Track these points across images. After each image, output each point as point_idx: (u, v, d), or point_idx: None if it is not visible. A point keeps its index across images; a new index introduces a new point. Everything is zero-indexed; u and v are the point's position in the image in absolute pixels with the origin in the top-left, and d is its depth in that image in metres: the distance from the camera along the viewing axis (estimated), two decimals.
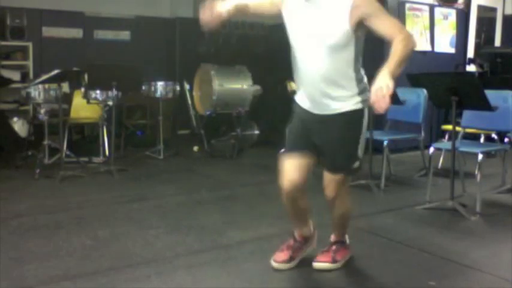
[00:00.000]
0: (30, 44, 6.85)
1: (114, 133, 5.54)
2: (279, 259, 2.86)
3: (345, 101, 2.53)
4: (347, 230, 2.98)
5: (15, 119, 6.56)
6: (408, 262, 3.04)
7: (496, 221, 3.90)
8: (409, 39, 2.35)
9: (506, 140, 4.65)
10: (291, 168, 2.67)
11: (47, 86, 5.30)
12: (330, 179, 2.68)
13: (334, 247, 2.92)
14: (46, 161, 5.43)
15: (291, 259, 2.86)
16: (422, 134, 5.04)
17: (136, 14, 7.87)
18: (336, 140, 2.61)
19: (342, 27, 2.40)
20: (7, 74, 6.70)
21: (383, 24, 2.38)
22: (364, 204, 4.30)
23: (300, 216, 2.90)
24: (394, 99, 4.66)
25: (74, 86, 6.03)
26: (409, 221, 3.85)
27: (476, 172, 4.48)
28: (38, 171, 5.08)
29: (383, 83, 2.16)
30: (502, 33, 7.67)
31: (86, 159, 5.69)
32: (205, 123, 6.82)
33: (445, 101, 3.97)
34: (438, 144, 4.90)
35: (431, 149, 4.48)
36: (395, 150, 5.87)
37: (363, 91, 2.55)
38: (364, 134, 2.65)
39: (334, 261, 2.86)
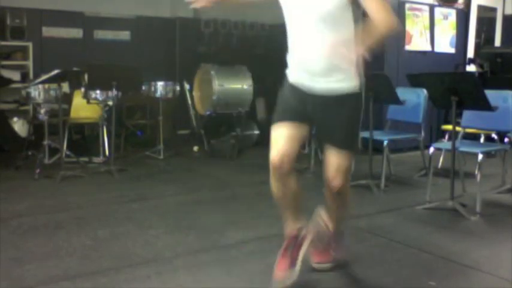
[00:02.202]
0: (30, 44, 6.84)
1: (114, 133, 5.54)
2: (280, 268, 2.61)
3: (346, 82, 2.42)
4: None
5: (15, 119, 6.56)
6: (408, 262, 3.04)
7: (496, 221, 3.90)
8: (387, 22, 2.30)
9: (506, 140, 4.65)
10: (282, 138, 2.49)
11: (47, 86, 5.29)
12: (336, 164, 2.50)
13: (333, 243, 2.81)
14: (46, 161, 5.42)
15: (293, 263, 2.61)
16: (422, 134, 5.04)
17: (136, 14, 7.86)
18: (339, 119, 2.48)
19: None
20: (7, 74, 6.69)
21: (370, 2, 2.31)
22: (364, 204, 4.30)
23: (293, 201, 2.63)
24: (394, 99, 4.70)
25: (74, 86, 6.02)
26: (409, 221, 3.85)
27: (476, 172, 4.49)
28: (38, 171, 5.08)
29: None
30: (502, 33, 7.67)
31: (86, 159, 5.69)
32: (205, 123, 6.81)
33: (445, 101, 3.97)
34: (438, 144, 4.90)
35: (431, 149, 4.48)
36: (395, 150, 5.87)
37: (361, 74, 2.47)
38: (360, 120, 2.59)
39: (334, 260, 2.80)
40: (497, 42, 7.68)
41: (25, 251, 3.14)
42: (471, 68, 7.06)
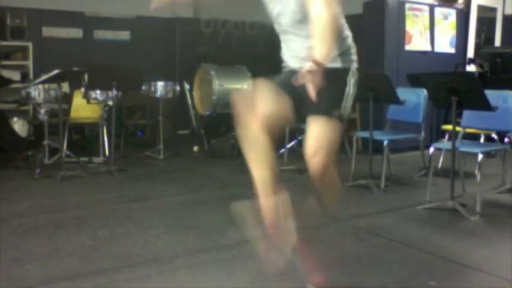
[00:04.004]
0: (30, 44, 6.85)
1: (114, 133, 5.54)
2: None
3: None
4: None
5: (15, 119, 6.56)
6: (408, 262, 3.04)
7: (496, 221, 3.90)
8: (322, 16, 2.17)
9: (506, 140, 4.65)
10: (271, 97, 2.35)
11: (47, 86, 5.30)
12: (315, 135, 2.31)
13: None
14: (46, 161, 5.42)
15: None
16: (422, 134, 5.04)
17: (136, 14, 7.87)
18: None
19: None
20: (7, 74, 6.70)
21: None
22: (364, 204, 4.30)
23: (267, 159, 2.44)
24: (394, 99, 4.70)
25: (74, 86, 6.03)
26: (409, 221, 3.85)
27: (476, 172, 4.48)
28: (38, 171, 5.08)
29: (306, 68, 2.07)
30: (502, 33, 7.67)
31: (86, 159, 5.69)
32: (205, 123, 6.82)
33: (445, 101, 3.97)
34: (438, 144, 4.90)
35: (431, 149, 4.48)
36: (395, 150, 5.87)
37: (345, 53, 2.42)
38: (349, 94, 2.40)
39: None
40: (497, 42, 7.68)
41: (25, 251, 3.14)
42: (471, 68, 7.06)
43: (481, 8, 7.52)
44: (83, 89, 5.71)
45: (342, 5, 2.32)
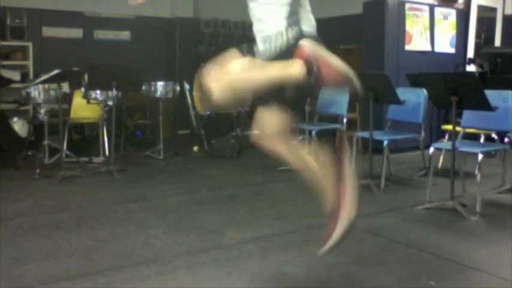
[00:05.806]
0: (30, 44, 6.86)
1: (114, 133, 5.54)
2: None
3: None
4: None
5: (15, 119, 6.57)
6: (408, 262, 3.04)
7: (496, 221, 3.90)
8: None
9: (506, 140, 4.65)
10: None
11: (47, 86, 5.30)
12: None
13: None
14: (46, 161, 5.43)
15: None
16: (422, 134, 5.04)
17: (136, 14, 7.87)
18: None
19: None
20: (7, 74, 6.70)
21: None
22: (364, 204, 4.28)
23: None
24: (394, 99, 4.71)
25: (74, 86, 6.03)
26: (409, 221, 3.85)
27: (476, 172, 4.48)
28: (38, 171, 5.08)
29: None
30: (502, 33, 7.67)
31: (86, 159, 5.69)
32: (205, 123, 6.82)
33: (445, 101, 3.97)
34: (438, 144, 4.90)
35: (431, 149, 4.48)
36: (395, 150, 5.87)
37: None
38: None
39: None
40: (497, 42, 7.68)
41: (25, 251, 3.14)
42: (471, 68, 7.06)
43: (481, 8, 7.52)
44: (83, 89, 5.71)
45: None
